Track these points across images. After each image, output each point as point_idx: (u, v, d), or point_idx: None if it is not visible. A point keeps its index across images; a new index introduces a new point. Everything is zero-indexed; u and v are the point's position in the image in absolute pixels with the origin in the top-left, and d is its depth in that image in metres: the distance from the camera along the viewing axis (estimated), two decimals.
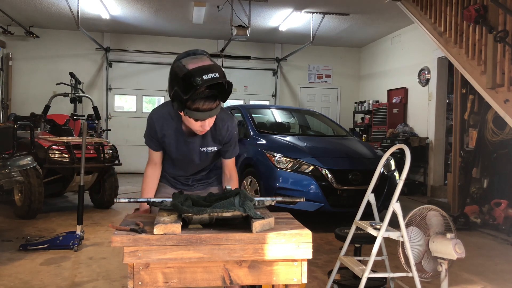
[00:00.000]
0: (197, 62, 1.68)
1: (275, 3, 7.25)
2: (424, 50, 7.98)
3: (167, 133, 1.96)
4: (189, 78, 1.63)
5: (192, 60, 1.70)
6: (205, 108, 1.71)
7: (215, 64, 1.71)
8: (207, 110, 1.72)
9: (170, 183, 2.18)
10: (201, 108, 1.70)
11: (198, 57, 1.72)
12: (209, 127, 1.84)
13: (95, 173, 5.57)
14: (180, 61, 1.71)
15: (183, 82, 1.65)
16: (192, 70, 1.64)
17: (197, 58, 1.71)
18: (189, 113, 1.72)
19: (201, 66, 1.66)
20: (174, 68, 1.72)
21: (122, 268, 3.43)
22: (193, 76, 1.62)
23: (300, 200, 1.87)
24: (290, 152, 4.94)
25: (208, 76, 1.63)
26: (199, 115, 1.72)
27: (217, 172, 2.26)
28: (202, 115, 1.72)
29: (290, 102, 10.71)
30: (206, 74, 1.63)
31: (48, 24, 9.18)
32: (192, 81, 1.62)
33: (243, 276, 1.54)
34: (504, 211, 5.04)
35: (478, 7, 4.35)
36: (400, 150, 2.64)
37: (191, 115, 1.73)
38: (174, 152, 2.02)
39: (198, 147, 2.00)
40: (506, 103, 4.07)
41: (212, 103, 1.71)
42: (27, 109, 8.70)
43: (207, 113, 1.73)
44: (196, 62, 1.68)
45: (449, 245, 2.33)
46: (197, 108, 1.70)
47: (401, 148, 2.42)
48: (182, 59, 1.72)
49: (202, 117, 1.73)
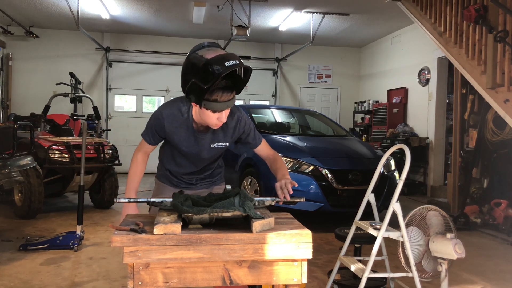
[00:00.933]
0: (214, 52, 1.70)
1: (275, 3, 7.25)
2: (424, 50, 7.98)
3: (176, 130, 1.95)
4: (210, 67, 1.64)
5: (208, 51, 1.71)
6: (223, 99, 1.73)
7: (233, 53, 1.73)
8: (225, 101, 1.73)
9: (172, 183, 2.16)
10: (220, 99, 1.72)
11: (212, 48, 1.74)
12: (226, 119, 1.85)
13: (95, 173, 5.57)
14: (196, 52, 1.73)
15: (203, 71, 1.66)
16: (212, 59, 1.65)
17: (212, 49, 1.73)
18: (207, 104, 1.74)
19: (220, 55, 1.68)
20: (191, 60, 1.73)
21: (122, 268, 3.43)
22: (215, 64, 1.64)
23: (300, 200, 1.87)
24: (290, 152, 4.94)
25: (230, 63, 1.64)
26: (218, 106, 1.74)
27: (221, 170, 2.26)
28: (221, 105, 1.74)
29: (290, 102, 10.71)
30: (228, 61, 1.65)
31: (48, 24, 9.18)
32: (215, 70, 1.63)
33: (243, 276, 1.54)
34: (504, 211, 5.04)
35: (478, 7, 4.35)
36: (400, 150, 2.64)
37: (210, 107, 1.74)
38: (184, 149, 2.00)
39: (209, 143, 2.00)
40: (506, 103, 4.07)
41: (230, 94, 1.74)
42: (27, 109, 8.69)
43: (225, 103, 1.75)
44: (213, 52, 1.70)
45: (449, 245, 2.33)
46: (215, 99, 1.72)
47: (401, 148, 2.42)
48: (198, 51, 1.74)
49: (221, 107, 1.75)
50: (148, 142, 2.01)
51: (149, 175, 3.59)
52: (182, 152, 2.02)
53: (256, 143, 2.09)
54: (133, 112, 10.16)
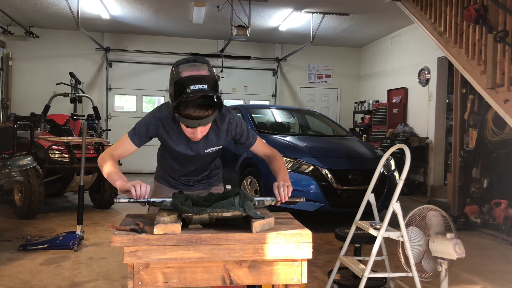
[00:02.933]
0: (192, 70, 1.68)
1: (275, 3, 7.25)
2: (424, 50, 7.98)
3: (169, 134, 1.94)
4: (178, 85, 1.66)
5: (190, 67, 1.70)
6: (195, 116, 1.69)
7: (209, 75, 1.69)
8: (196, 118, 1.70)
9: (170, 184, 2.17)
10: (192, 115, 1.69)
11: (196, 65, 1.72)
12: (201, 135, 1.82)
13: (95, 173, 5.57)
14: (177, 66, 1.73)
15: (173, 87, 1.68)
16: (183, 78, 1.66)
17: (195, 66, 1.71)
18: (180, 118, 1.73)
19: (192, 76, 1.66)
20: (172, 72, 1.74)
21: (122, 268, 3.43)
22: (182, 84, 1.64)
23: (300, 200, 1.87)
24: (290, 152, 4.94)
25: (195, 87, 1.63)
26: (188, 122, 1.72)
27: (218, 171, 2.26)
28: (192, 122, 1.71)
29: (290, 102, 10.71)
30: (194, 85, 1.64)
31: (48, 24, 9.18)
32: (180, 89, 1.64)
33: (243, 276, 1.54)
34: (504, 211, 5.04)
35: (478, 7, 4.35)
36: (400, 150, 2.64)
37: (181, 121, 1.74)
38: (177, 153, 2.00)
39: (203, 149, 1.98)
40: (506, 103, 4.07)
41: (204, 111, 1.69)
42: (27, 109, 8.69)
43: (197, 121, 1.71)
44: (192, 70, 1.68)
45: (449, 245, 2.33)
46: (187, 115, 1.69)
47: (401, 148, 2.42)
48: (180, 65, 1.72)
49: (192, 124, 1.72)
50: (135, 143, 1.92)
51: (149, 175, 3.59)
52: (177, 156, 2.02)
53: (250, 142, 2.07)
54: (133, 112, 10.16)
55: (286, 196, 1.79)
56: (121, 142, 1.94)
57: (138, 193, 1.64)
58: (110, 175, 1.79)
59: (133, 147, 1.93)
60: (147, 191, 1.67)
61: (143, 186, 1.66)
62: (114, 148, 1.93)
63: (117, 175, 1.78)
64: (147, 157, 8.63)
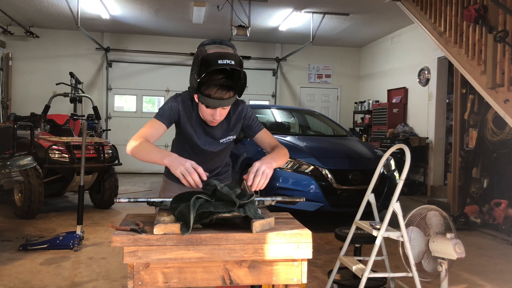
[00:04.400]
0: (219, 49, 1.71)
1: (275, 3, 7.25)
2: (424, 50, 7.98)
3: (189, 119, 1.92)
4: (205, 62, 1.66)
5: (216, 47, 1.73)
6: (216, 96, 1.71)
7: (235, 54, 1.72)
8: (218, 98, 1.71)
9: (179, 180, 2.13)
10: (213, 95, 1.71)
11: (221, 46, 1.75)
12: (220, 118, 1.83)
13: (95, 173, 5.57)
14: (204, 46, 1.76)
15: (199, 64, 1.68)
16: (209, 54, 1.67)
17: (220, 46, 1.75)
18: (201, 98, 1.74)
19: (218, 52, 1.68)
20: (197, 52, 1.75)
21: (122, 268, 3.43)
22: (209, 59, 1.65)
23: (300, 200, 1.87)
24: (290, 152, 4.87)
25: (223, 61, 1.64)
26: (210, 102, 1.72)
27: (228, 169, 2.26)
28: (213, 102, 1.72)
29: (290, 102, 10.71)
30: (222, 59, 1.64)
31: (48, 24, 9.18)
32: (207, 65, 1.65)
33: (243, 276, 1.54)
34: (504, 211, 5.04)
35: (478, 7, 4.35)
36: (400, 150, 2.64)
37: (203, 101, 1.74)
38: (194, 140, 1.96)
39: (219, 138, 1.98)
40: (506, 103, 4.07)
41: (225, 92, 1.71)
42: (27, 109, 8.69)
43: (218, 101, 1.72)
44: (218, 49, 1.71)
45: (449, 245, 2.33)
46: (208, 94, 1.71)
47: (401, 148, 2.42)
48: (206, 45, 1.76)
49: (213, 104, 1.73)
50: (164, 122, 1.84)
51: (149, 175, 3.59)
52: (193, 144, 1.98)
53: (255, 130, 2.05)
54: (133, 112, 10.16)
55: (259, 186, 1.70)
56: (150, 126, 1.84)
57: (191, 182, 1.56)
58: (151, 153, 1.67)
59: (163, 128, 1.85)
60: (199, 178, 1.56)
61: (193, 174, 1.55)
62: (142, 132, 1.81)
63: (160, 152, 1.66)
64: None
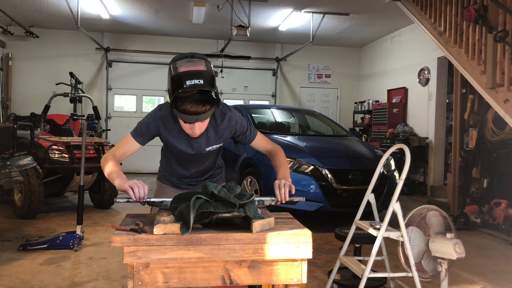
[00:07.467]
0: (190, 66, 1.70)
1: (275, 3, 7.25)
2: (424, 50, 7.97)
3: (171, 133, 1.94)
4: (175, 81, 1.67)
5: (187, 63, 1.71)
6: (192, 111, 1.70)
7: (206, 71, 1.70)
8: (193, 113, 1.71)
9: (173, 184, 2.16)
10: (189, 110, 1.70)
11: (193, 61, 1.73)
12: (200, 131, 1.84)
13: (95, 173, 5.57)
14: (175, 62, 1.74)
15: (171, 83, 1.69)
16: (180, 73, 1.67)
17: (192, 61, 1.72)
18: (178, 114, 1.74)
19: (189, 71, 1.67)
20: (169, 68, 1.75)
21: (122, 268, 3.43)
22: (179, 79, 1.66)
23: (300, 200, 1.87)
24: (290, 152, 4.94)
25: (191, 82, 1.65)
26: (186, 118, 1.73)
27: (221, 171, 2.26)
28: (189, 118, 1.72)
29: (290, 102, 10.71)
30: (191, 80, 1.65)
31: (48, 24, 9.18)
32: (177, 84, 1.66)
33: (243, 276, 1.54)
34: (504, 211, 5.04)
35: (478, 7, 4.35)
36: (400, 150, 2.64)
37: (179, 116, 1.75)
38: (178, 152, 2.00)
39: (204, 148, 1.99)
40: (506, 103, 4.07)
41: (201, 107, 1.70)
42: (27, 109, 8.69)
43: (195, 116, 1.72)
44: (189, 66, 1.70)
45: (449, 245, 2.33)
46: (184, 110, 1.71)
47: (401, 148, 2.42)
48: (178, 61, 1.73)
49: (189, 120, 1.73)
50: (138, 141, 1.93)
51: (149, 175, 3.59)
52: (179, 155, 2.02)
53: (250, 138, 2.07)
54: (133, 112, 10.16)
55: (287, 197, 1.80)
56: (124, 142, 1.94)
57: (137, 195, 1.64)
58: (110, 174, 1.79)
59: (136, 146, 1.94)
60: (146, 192, 1.65)
61: (141, 188, 1.65)
62: (117, 148, 1.94)
63: (116, 174, 1.78)
64: (147, 157, 8.65)
